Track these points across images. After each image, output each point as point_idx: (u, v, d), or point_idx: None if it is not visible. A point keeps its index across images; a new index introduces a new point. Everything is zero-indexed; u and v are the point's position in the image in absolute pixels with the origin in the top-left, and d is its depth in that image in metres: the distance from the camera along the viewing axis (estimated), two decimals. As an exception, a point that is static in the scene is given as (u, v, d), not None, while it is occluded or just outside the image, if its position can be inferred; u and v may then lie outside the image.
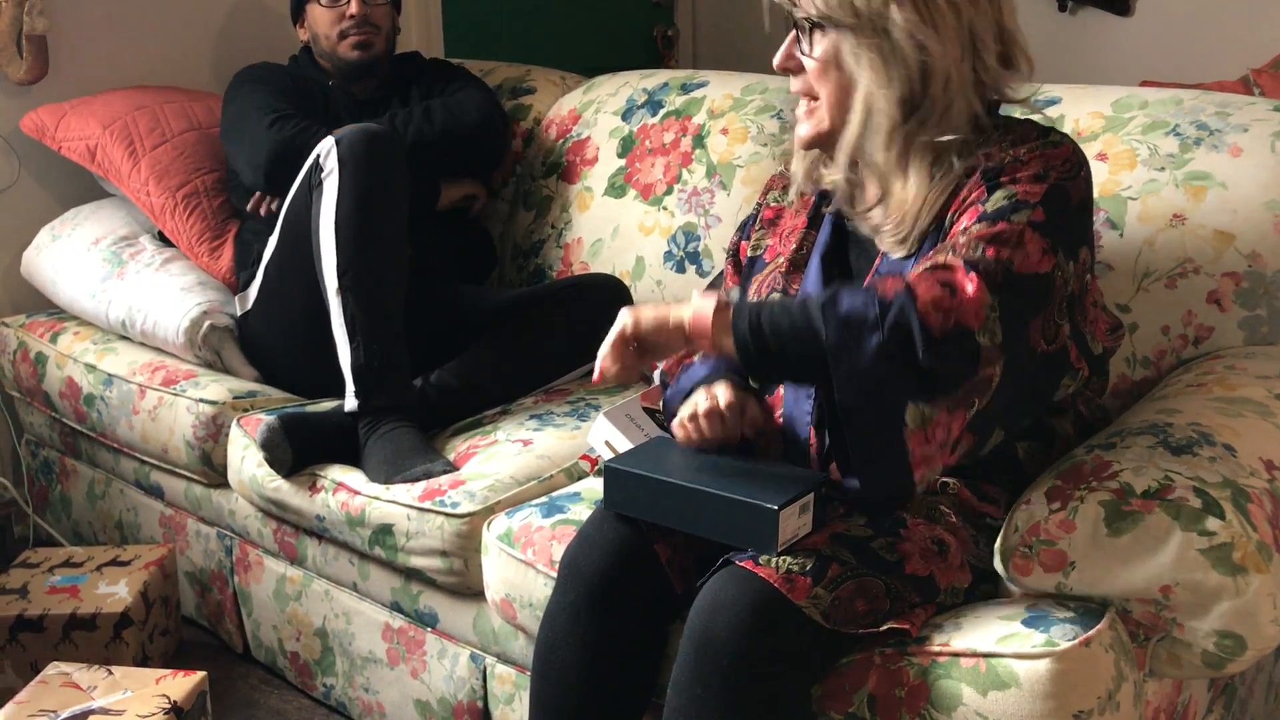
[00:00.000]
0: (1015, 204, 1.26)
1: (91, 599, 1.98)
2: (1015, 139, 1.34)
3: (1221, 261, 1.56)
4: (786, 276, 1.47)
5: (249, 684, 2.09)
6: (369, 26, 2.26)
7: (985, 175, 1.30)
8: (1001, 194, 1.28)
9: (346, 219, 1.88)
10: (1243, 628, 1.19)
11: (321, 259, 1.91)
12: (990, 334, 1.20)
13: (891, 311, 1.18)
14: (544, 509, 1.60)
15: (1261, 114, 1.63)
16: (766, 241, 1.55)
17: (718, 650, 1.20)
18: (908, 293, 1.19)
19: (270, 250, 2.09)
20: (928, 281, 1.20)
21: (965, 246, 1.24)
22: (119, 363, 2.23)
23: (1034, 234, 1.24)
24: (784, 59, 1.39)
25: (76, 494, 2.44)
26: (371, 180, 1.90)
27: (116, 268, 2.33)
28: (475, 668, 1.74)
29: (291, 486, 1.87)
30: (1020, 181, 1.28)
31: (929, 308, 1.18)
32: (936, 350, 1.17)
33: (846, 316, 1.20)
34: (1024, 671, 1.18)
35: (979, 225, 1.26)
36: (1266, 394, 1.38)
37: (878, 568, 1.27)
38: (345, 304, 1.88)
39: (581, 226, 2.28)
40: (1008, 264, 1.22)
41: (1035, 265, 1.24)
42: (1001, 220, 1.25)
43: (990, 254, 1.22)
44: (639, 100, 2.30)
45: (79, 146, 2.42)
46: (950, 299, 1.19)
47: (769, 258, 1.52)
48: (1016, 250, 1.23)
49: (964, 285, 1.19)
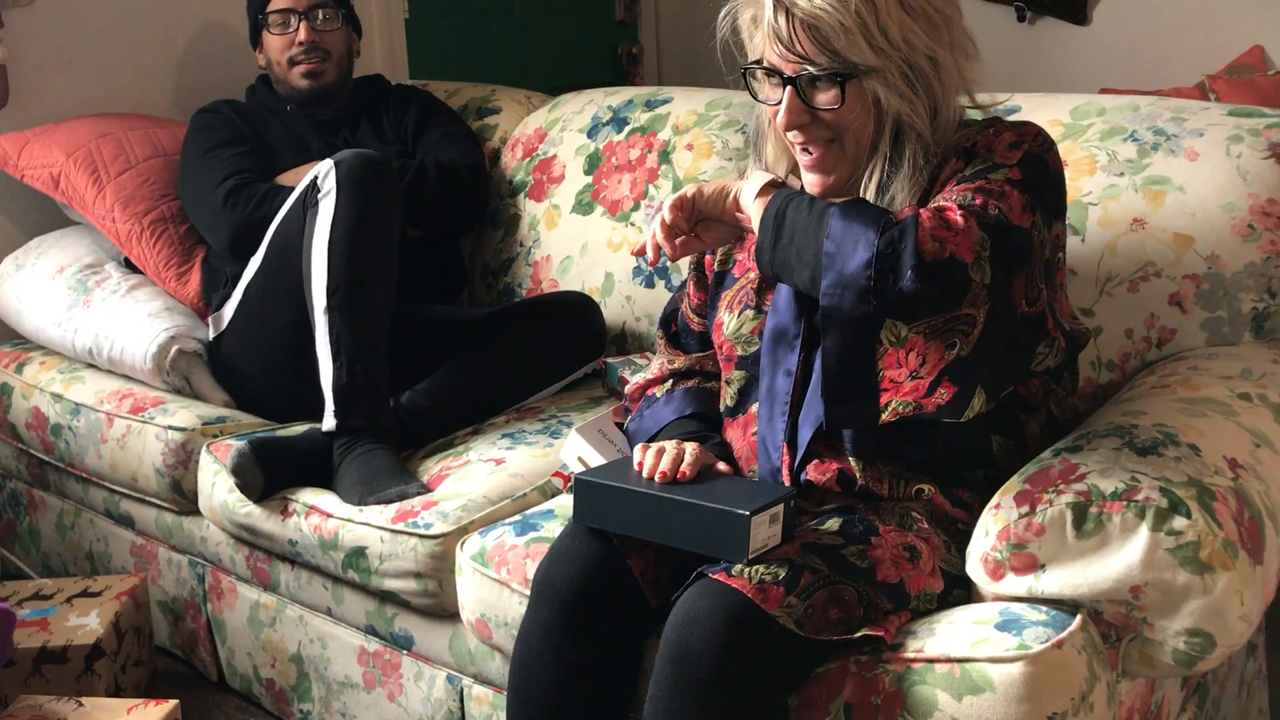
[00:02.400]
0: (993, 165, 1.31)
1: (62, 631, 1.96)
2: (985, 126, 1.38)
3: (1182, 264, 1.58)
4: (759, 293, 1.48)
5: (225, 712, 2.07)
6: (318, 53, 2.26)
7: (961, 154, 1.34)
8: (979, 161, 1.32)
9: (340, 239, 1.89)
10: (1212, 625, 1.20)
11: (312, 277, 1.91)
12: (981, 272, 1.22)
13: (893, 229, 1.22)
14: (517, 527, 1.59)
15: (1216, 119, 1.65)
16: (736, 256, 1.55)
17: (693, 663, 1.20)
18: (913, 217, 1.23)
19: (252, 270, 2.08)
20: (928, 212, 1.23)
21: (955, 195, 1.28)
22: (86, 391, 2.21)
23: (1013, 190, 1.28)
24: (793, 119, 1.34)
25: (45, 526, 2.41)
26: (367, 204, 1.90)
27: (82, 295, 2.31)
28: (452, 689, 1.73)
29: (263, 512, 1.86)
30: (996, 151, 1.32)
31: (927, 235, 1.21)
32: (926, 272, 1.20)
33: (849, 224, 1.25)
34: (998, 675, 1.19)
35: (962, 184, 1.29)
36: (1229, 394, 1.40)
37: (850, 575, 1.27)
38: (332, 323, 1.88)
39: (550, 244, 2.28)
40: (997, 212, 1.26)
41: (1018, 219, 1.27)
42: (981, 179, 1.29)
43: (979, 202, 1.26)
44: (604, 118, 2.31)
45: (42, 174, 2.41)
46: (947, 231, 1.22)
47: (739, 273, 1.53)
48: (1002, 201, 1.27)
49: (959, 221, 1.22)
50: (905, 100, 1.31)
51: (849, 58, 1.29)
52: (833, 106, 1.32)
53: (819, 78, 1.32)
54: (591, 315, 2.08)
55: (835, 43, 1.29)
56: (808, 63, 1.31)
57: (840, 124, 1.34)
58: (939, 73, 1.33)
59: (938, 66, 1.32)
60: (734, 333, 1.49)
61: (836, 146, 1.35)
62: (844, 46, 1.29)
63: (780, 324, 1.43)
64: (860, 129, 1.34)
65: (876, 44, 1.29)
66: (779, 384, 1.41)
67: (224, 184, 2.15)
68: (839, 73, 1.31)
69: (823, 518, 1.38)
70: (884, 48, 1.29)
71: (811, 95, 1.33)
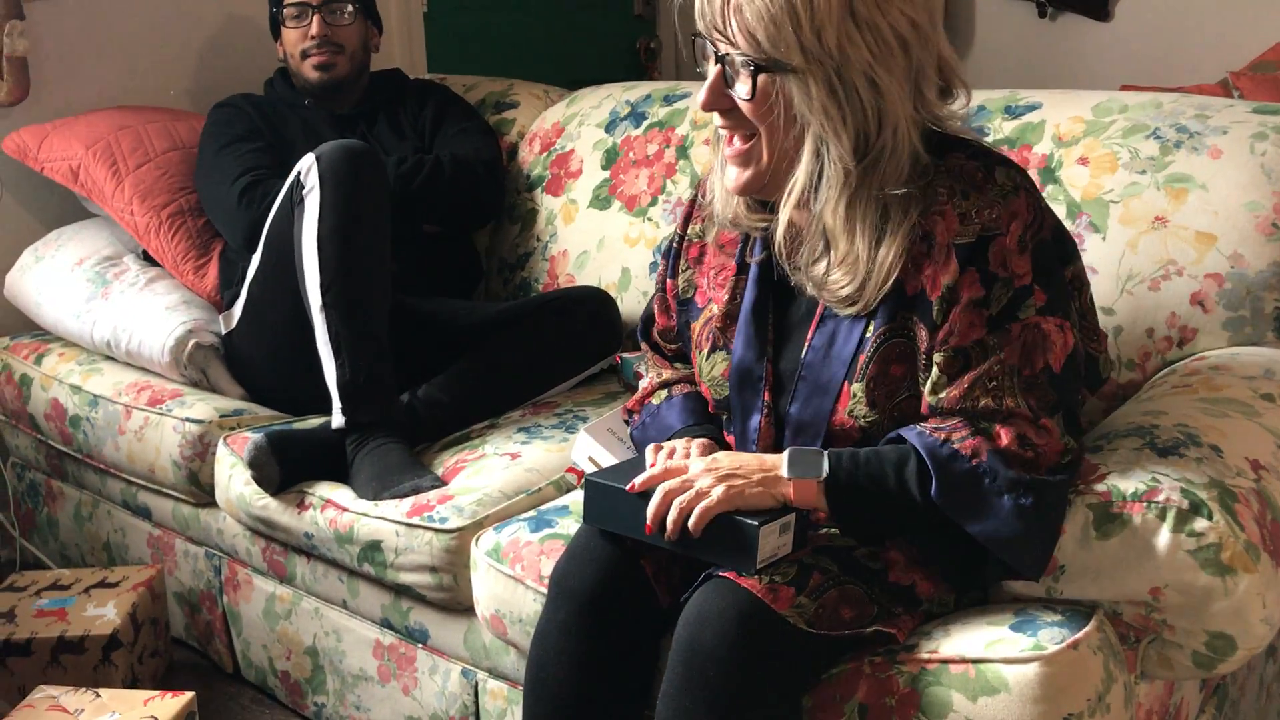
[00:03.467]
0: (1015, 296, 1.24)
1: (79, 621, 1.97)
2: (964, 185, 1.26)
3: (1204, 263, 1.56)
4: (723, 332, 1.42)
5: (240, 704, 2.07)
6: (331, 46, 2.25)
7: (967, 260, 1.23)
8: (999, 290, 1.23)
9: (328, 236, 1.88)
10: (1233, 628, 1.19)
11: (305, 276, 1.91)
12: (1068, 441, 1.24)
13: (1000, 480, 1.20)
14: (532, 524, 1.59)
15: (1240, 116, 1.64)
16: (697, 281, 1.47)
17: (705, 661, 1.20)
18: (998, 457, 1.21)
19: (254, 268, 2.08)
20: (1007, 439, 1.22)
21: (1006, 379, 1.23)
22: (104, 383, 2.22)
23: (1046, 320, 1.24)
24: (712, 99, 1.26)
25: (63, 516, 2.42)
26: (352, 196, 1.89)
27: (101, 288, 2.32)
28: (467, 683, 1.73)
29: (279, 504, 1.86)
30: (1010, 265, 1.23)
31: (1024, 467, 1.21)
32: (1049, 483, 1.21)
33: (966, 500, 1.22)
34: (1013, 676, 1.18)
35: (996, 339, 1.23)
36: (1251, 394, 1.39)
37: (860, 575, 1.27)
38: (329, 321, 1.87)
39: (567, 239, 2.28)
40: (1047, 371, 1.24)
41: (1062, 348, 1.25)
42: (1014, 323, 1.24)
43: (1028, 374, 1.23)
44: (622, 112, 2.30)
45: (61, 167, 2.42)
46: (1037, 455, 1.22)
47: (701, 303, 1.46)
48: (1045, 350, 1.24)
49: (1038, 437, 1.22)
50: (824, 114, 1.20)
51: (769, 50, 1.20)
52: (743, 97, 1.24)
53: (739, 63, 1.24)
54: (608, 310, 2.08)
55: (759, 31, 1.20)
56: (726, 43, 1.24)
57: (754, 119, 1.25)
58: (878, 100, 1.20)
59: (878, 92, 1.20)
60: (707, 376, 1.44)
61: (756, 143, 1.28)
62: (767, 37, 1.19)
63: (743, 364, 1.38)
64: (773, 130, 1.25)
65: (805, 42, 1.18)
66: (750, 425, 1.39)
67: (239, 180, 2.15)
68: (754, 61, 1.22)
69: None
70: (813, 49, 1.18)
71: (731, 80, 1.26)
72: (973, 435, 1.22)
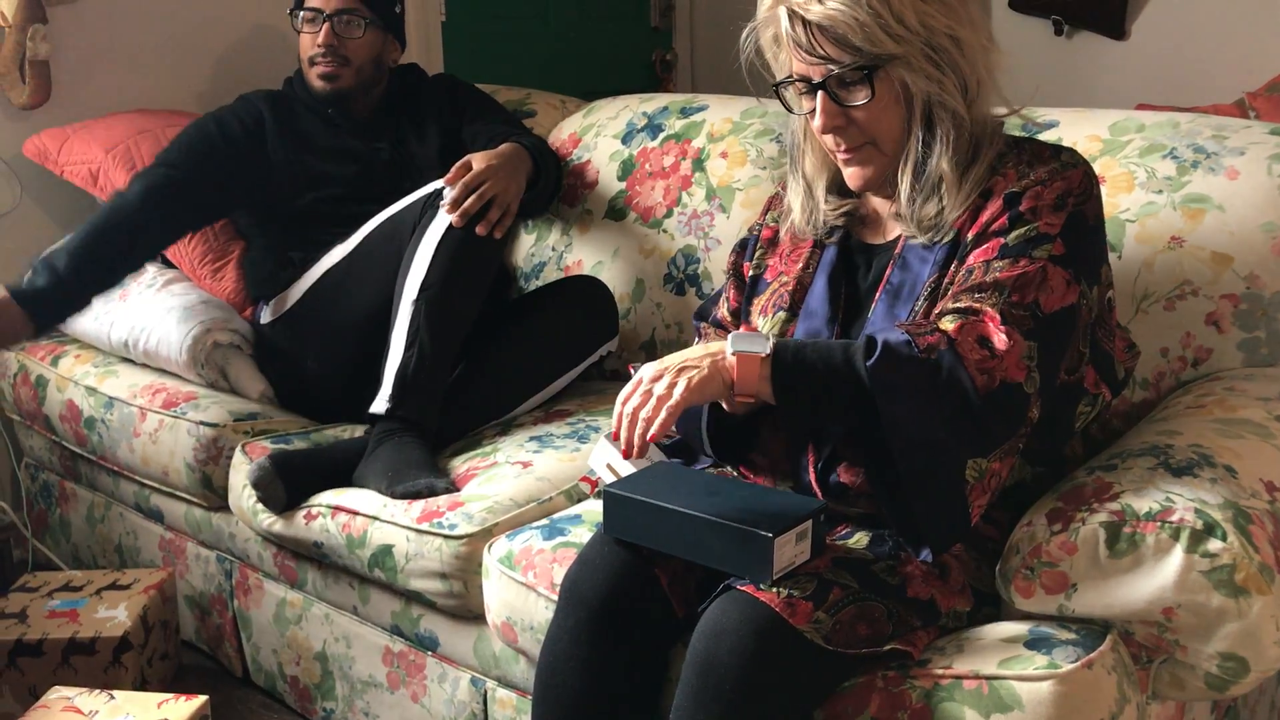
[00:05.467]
0: (1036, 238, 1.30)
1: (90, 623, 1.98)
2: (1031, 157, 1.37)
3: (1220, 283, 1.56)
4: (792, 295, 1.48)
5: (249, 708, 2.08)
6: (337, 58, 2.21)
7: (1008, 200, 1.33)
8: (1023, 229, 1.31)
9: (452, 240, 1.92)
10: (1245, 650, 1.18)
11: (411, 267, 1.93)
12: (1032, 381, 1.26)
13: (943, 375, 1.23)
14: (545, 531, 1.60)
15: (1258, 137, 1.64)
16: (768, 261, 1.55)
17: (720, 676, 1.20)
18: (953, 353, 1.23)
19: (339, 255, 2.09)
20: (967, 342, 1.24)
21: (992, 291, 1.27)
22: (119, 385, 2.23)
23: (1056, 268, 1.29)
24: (829, 121, 1.36)
25: (76, 517, 2.43)
26: (479, 241, 1.94)
27: (119, 290, 2.33)
28: (476, 691, 1.73)
29: (285, 522, 1.87)
30: (1041, 213, 1.31)
31: (975, 368, 1.23)
32: (988, 407, 1.23)
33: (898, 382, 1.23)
34: (1026, 693, 1.18)
35: (1002, 263, 1.30)
36: (1266, 415, 1.39)
37: (879, 591, 1.27)
38: (416, 312, 1.90)
39: (581, 249, 2.28)
40: (1035, 306, 1.27)
41: (1061, 300, 1.29)
42: (1024, 257, 1.29)
43: (1016, 299, 1.27)
44: (639, 124, 2.31)
45: (81, 170, 2.43)
46: (991, 358, 1.24)
47: (770, 277, 1.53)
48: (1041, 289, 1.28)
49: (1002, 342, 1.24)
50: (933, 81, 1.33)
51: (870, 50, 1.31)
52: (864, 102, 1.34)
53: (846, 77, 1.33)
54: (601, 294, 2.11)
55: (854, 39, 1.30)
56: (831, 63, 1.33)
57: (874, 123, 1.35)
58: (962, 50, 1.33)
59: (960, 44, 1.33)
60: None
61: (872, 147, 1.38)
62: (863, 41, 1.30)
63: (813, 328, 1.43)
64: (893, 125, 1.35)
65: (894, 32, 1.30)
66: None
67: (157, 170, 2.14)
68: (863, 66, 1.32)
69: (851, 530, 1.37)
70: (902, 35, 1.30)
71: (843, 97, 1.35)
72: (935, 332, 1.25)
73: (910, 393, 1.23)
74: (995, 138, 1.38)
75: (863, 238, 1.47)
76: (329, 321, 2.08)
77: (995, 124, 1.39)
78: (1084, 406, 1.38)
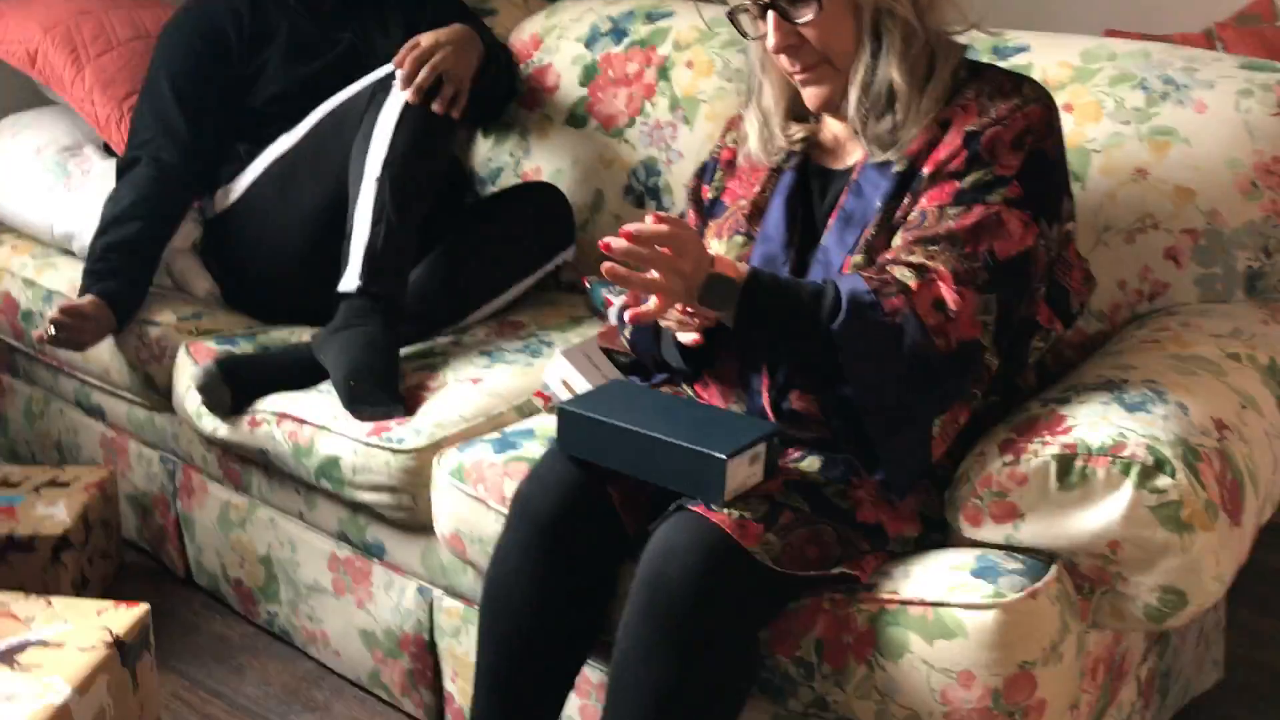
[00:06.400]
0: (992, 180, 1.29)
1: (29, 520, 1.95)
2: (993, 90, 1.34)
3: (1181, 218, 1.56)
4: (749, 220, 1.46)
5: (191, 609, 2.07)
6: None
7: (967, 139, 1.30)
8: (979, 172, 1.29)
9: (411, 118, 1.86)
10: (1185, 584, 1.21)
11: (370, 146, 1.87)
12: (989, 334, 1.26)
13: (906, 341, 1.23)
14: (496, 445, 1.58)
15: (1229, 70, 1.62)
16: (726, 184, 1.52)
17: (669, 594, 1.20)
18: (913, 318, 1.23)
19: (285, 146, 2.02)
20: (924, 306, 1.24)
21: (944, 245, 1.26)
22: (59, 279, 2.16)
23: (1012, 212, 1.28)
24: (783, 39, 1.34)
25: (13, 412, 2.38)
26: (436, 120, 1.89)
27: (62, 179, 2.25)
28: (422, 600, 1.73)
29: (230, 427, 1.83)
30: (999, 154, 1.30)
31: (934, 334, 1.23)
32: (948, 368, 1.24)
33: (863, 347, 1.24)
34: (971, 621, 1.20)
35: (956, 210, 1.28)
36: (1219, 353, 1.39)
37: (830, 514, 1.27)
38: (381, 189, 1.84)
39: (540, 155, 2.23)
40: (989, 255, 1.27)
41: (1018, 243, 1.28)
42: (978, 204, 1.28)
43: (969, 250, 1.26)
44: (603, 28, 2.25)
45: (18, 50, 2.32)
46: (947, 321, 1.24)
47: (729, 200, 1.50)
48: (996, 235, 1.27)
49: (955, 302, 1.24)
50: None
51: None
52: (811, 17, 1.32)
53: None
54: (557, 200, 2.08)
55: None
56: None
57: (826, 38, 1.33)
58: None
59: None
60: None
61: (827, 65, 1.35)
62: None
63: (769, 252, 1.41)
64: (845, 38, 1.33)
65: None
66: None
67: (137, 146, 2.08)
68: None
69: (804, 454, 1.37)
70: None
71: (793, 14, 1.33)
72: (899, 294, 1.25)
73: (874, 356, 1.24)
74: (952, 52, 1.36)
75: (821, 162, 1.45)
76: (274, 216, 2.03)
77: (951, 39, 1.37)
78: (1038, 341, 1.38)
